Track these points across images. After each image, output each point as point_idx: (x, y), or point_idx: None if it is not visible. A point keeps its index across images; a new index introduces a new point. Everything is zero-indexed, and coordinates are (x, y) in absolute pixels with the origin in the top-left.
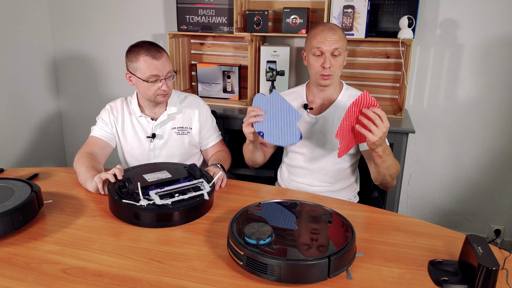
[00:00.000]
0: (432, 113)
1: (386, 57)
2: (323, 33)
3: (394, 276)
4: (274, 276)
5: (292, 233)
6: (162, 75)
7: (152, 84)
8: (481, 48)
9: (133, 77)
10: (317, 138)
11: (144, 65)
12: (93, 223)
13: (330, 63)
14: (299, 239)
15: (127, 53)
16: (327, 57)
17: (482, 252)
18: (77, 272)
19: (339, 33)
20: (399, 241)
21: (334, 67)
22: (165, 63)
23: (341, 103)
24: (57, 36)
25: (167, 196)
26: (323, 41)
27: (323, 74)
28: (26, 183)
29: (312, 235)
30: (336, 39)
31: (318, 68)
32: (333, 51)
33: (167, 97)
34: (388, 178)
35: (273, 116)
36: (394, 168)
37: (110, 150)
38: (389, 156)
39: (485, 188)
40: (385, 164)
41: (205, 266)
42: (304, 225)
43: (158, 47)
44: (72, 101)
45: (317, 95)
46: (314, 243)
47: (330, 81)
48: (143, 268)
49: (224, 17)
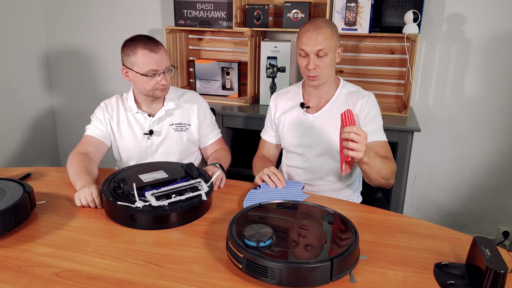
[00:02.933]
0: (438, 111)
1: (390, 53)
2: (308, 33)
3: (399, 280)
4: (275, 279)
5: (293, 235)
6: (161, 68)
7: (150, 79)
8: (489, 44)
9: (130, 72)
10: (315, 137)
11: (142, 59)
12: (88, 224)
13: (314, 64)
14: (301, 241)
15: (123, 47)
16: (312, 58)
17: (490, 255)
18: (70, 276)
19: (324, 31)
20: (404, 243)
21: (321, 68)
22: (163, 57)
23: (338, 101)
24: (50, 30)
25: (163, 197)
26: (306, 43)
27: (309, 75)
28: (18, 183)
29: (314, 237)
30: (320, 40)
31: (304, 69)
32: (318, 52)
33: (166, 91)
34: (382, 181)
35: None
36: (386, 169)
37: (105, 149)
38: (375, 159)
39: (493, 189)
40: (374, 168)
41: (203, 269)
42: (306, 227)
43: (155, 40)
44: (66, 98)
45: (313, 93)
46: (316, 245)
47: (317, 81)
48: (139, 271)
49: (223, 12)
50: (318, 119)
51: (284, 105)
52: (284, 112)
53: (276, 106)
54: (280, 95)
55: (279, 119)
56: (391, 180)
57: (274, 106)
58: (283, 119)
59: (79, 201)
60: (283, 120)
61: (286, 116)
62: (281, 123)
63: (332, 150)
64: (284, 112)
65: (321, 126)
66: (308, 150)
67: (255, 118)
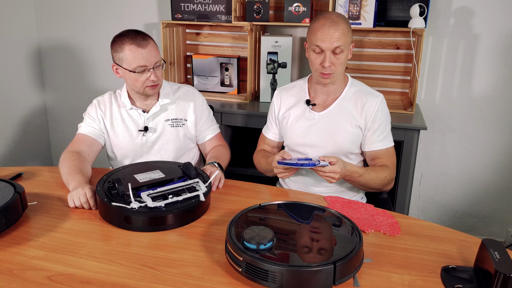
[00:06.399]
0: (445, 108)
1: (396, 48)
2: (324, 28)
3: (405, 284)
4: (276, 283)
5: (294, 237)
6: (150, 64)
7: (139, 75)
8: (498, 38)
9: (119, 69)
10: (320, 136)
11: (129, 55)
12: (81, 226)
13: (330, 62)
14: (303, 243)
15: (112, 43)
16: (327, 55)
17: (499, 258)
18: (63, 279)
19: (342, 27)
20: (410, 245)
21: (336, 65)
22: (152, 52)
23: (346, 99)
24: (42, 24)
25: (160, 198)
26: (323, 39)
27: (323, 72)
28: (8, 184)
29: (316, 240)
30: (338, 36)
31: (317, 66)
32: (334, 49)
33: (157, 88)
34: (370, 190)
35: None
36: (374, 183)
37: (98, 148)
38: (360, 177)
39: (502, 189)
40: (357, 184)
41: (201, 272)
42: (307, 229)
43: (144, 35)
44: (58, 95)
45: (320, 90)
46: (318, 248)
47: (330, 79)
48: (134, 275)
49: (221, 5)
50: (324, 117)
51: (288, 102)
52: (288, 109)
53: (280, 102)
54: (285, 90)
55: (283, 116)
56: (386, 187)
57: (278, 102)
58: (288, 116)
59: (73, 202)
60: (288, 117)
61: (291, 112)
62: (285, 120)
63: (338, 150)
64: (288, 108)
65: (327, 125)
66: (312, 149)
67: (255, 116)
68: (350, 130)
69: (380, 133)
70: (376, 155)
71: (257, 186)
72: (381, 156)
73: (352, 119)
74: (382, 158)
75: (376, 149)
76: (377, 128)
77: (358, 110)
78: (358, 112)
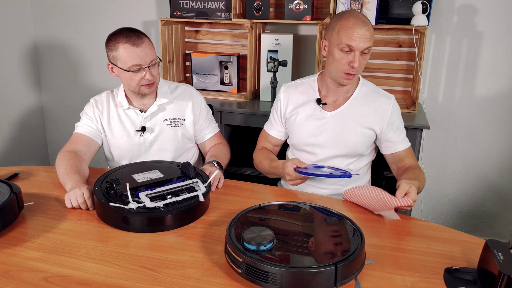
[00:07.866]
0: (448, 107)
1: (398, 46)
2: (356, 28)
3: (407, 285)
4: (276, 285)
5: (295, 238)
6: (145, 63)
7: (134, 74)
8: (502, 36)
9: (114, 68)
10: (330, 136)
11: (124, 54)
12: (78, 227)
13: (358, 62)
14: (303, 244)
15: (107, 42)
16: (357, 55)
17: (503, 259)
18: (60, 281)
19: (371, 28)
20: (412, 246)
21: (361, 66)
22: (147, 50)
23: (357, 100)
24: (39, 23)
25: (158, 198)
26: (355, 38)
27: (349, 73)
28: (4, 184)
29: (318, 241)
30: (369, 37)
31: (344, 66)
32: (364, 50)
33: (153, 87)
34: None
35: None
36: (422, 186)
37: (95, 148)
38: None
39: (507, 189)
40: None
41: (200, 274)
42: (308, 230)
43: (138, 32)
44: (55, 94)
45: (332, 89)
46: (319, 249)
47: (352, 80)
48: (132, 276)
49: (221, 2)
50: (335, 117)
51: (296, 99)
52: (296, 107)
53: (288, 100)
54: (292, 88)
55: (291, 114)
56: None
57: (286, 100)
58: (296, 114)
59: (70, 203)
60: (296, 115)
61: (299, 111)
62: (293, 118)
63: (349, 151)
64: (296, 107)
65: (338, 126)
66: (321, 150)
67: (255, 115)
68: (361, 131)
69: (399, 134)
70: (400, 157)
71: (257, 186)
72: (405, 157)
73: (364, 120)
74: (406, 159)
75: (399, 150)
76: (395, 130)
77: (371, 111)
78: (370, 114)
